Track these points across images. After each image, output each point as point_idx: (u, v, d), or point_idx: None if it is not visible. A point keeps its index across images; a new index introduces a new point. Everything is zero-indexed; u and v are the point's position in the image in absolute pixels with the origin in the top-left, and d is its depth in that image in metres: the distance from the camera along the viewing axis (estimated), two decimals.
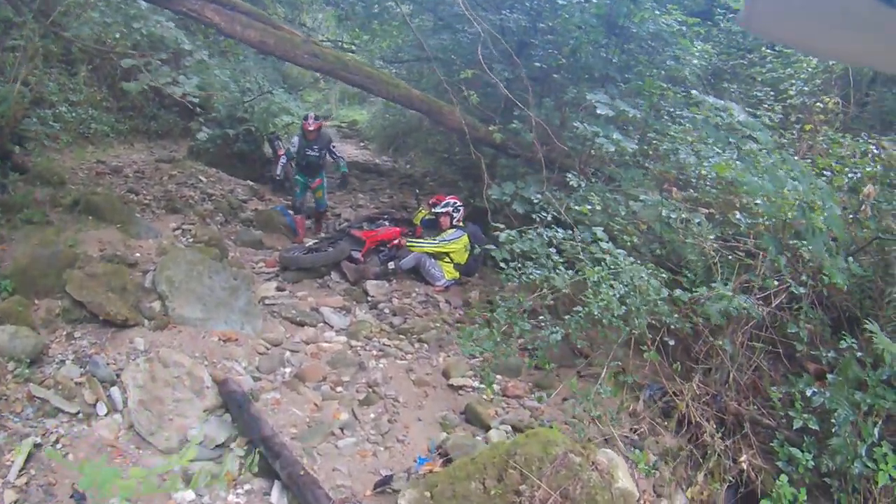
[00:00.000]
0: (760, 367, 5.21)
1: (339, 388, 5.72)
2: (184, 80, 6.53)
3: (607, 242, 4.87)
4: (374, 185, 14.09)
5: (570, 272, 4.89)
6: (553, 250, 5.12)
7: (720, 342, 4.94)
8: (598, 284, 4.46)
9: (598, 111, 5.81)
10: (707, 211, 6.04)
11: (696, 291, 5.04)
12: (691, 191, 6.05)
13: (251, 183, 11.48)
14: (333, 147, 9.72)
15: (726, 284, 4.98)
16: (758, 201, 4.76)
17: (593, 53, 7.20)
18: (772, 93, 7.90)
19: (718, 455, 4.66)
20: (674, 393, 4.87)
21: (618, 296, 4.40)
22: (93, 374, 5.28)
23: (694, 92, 5.65)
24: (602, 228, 5.21)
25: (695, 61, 7.26)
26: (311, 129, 9.25)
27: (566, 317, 4.86)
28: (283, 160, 9.74)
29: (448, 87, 7.69)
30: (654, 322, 4.71)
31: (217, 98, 11.94)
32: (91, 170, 8.99)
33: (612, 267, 4.54)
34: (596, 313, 4.44)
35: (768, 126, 6.18)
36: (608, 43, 7.24)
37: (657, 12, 6.85)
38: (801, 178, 4.35)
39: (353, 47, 14.47)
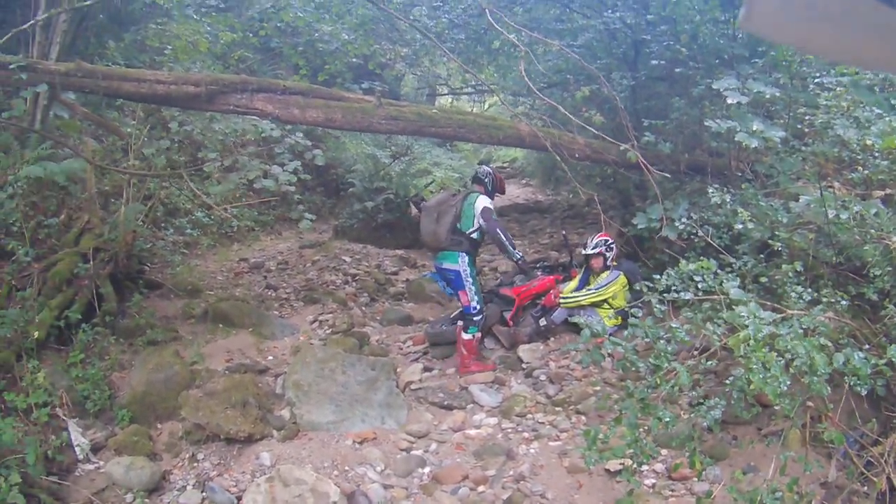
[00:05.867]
0: None
1: (480, 488, 4.89)
2: (277, 170, 6.08)
3: (748, 303, 3.57)
4: (535, 225, 13.08)
5: (717, 332, 3.69)
6: (676, 325, 3.92)
7: None
8: (749, 357, 3.25)
9: (729, 100, 4.63)
10: (883, 193, 4.76)
11: (886, 309, 3.83)
12: (860, 169, 4.74)
13: (401, 252, 11.00)
14: None
15: None
16: None
17: (715, 33, 5.93)
18: None
19: None
20: (868, 461, 3.56)
21: (776, 369, 3.16)
22: (211, 500, 4.86)
23: None
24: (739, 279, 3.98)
25: None
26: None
27: (726, 382, 3.68)
28: (511, 245, 6.49)
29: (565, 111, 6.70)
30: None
31: (352, 173, 11.75)
32: (231, 270, 8.96)
33: (758, 333, 3.29)
34: (757, 383, 3.24)
35: None
36: (727, 17, 5.93)
37: None
38: None
39: (494, 86, 13.78)
